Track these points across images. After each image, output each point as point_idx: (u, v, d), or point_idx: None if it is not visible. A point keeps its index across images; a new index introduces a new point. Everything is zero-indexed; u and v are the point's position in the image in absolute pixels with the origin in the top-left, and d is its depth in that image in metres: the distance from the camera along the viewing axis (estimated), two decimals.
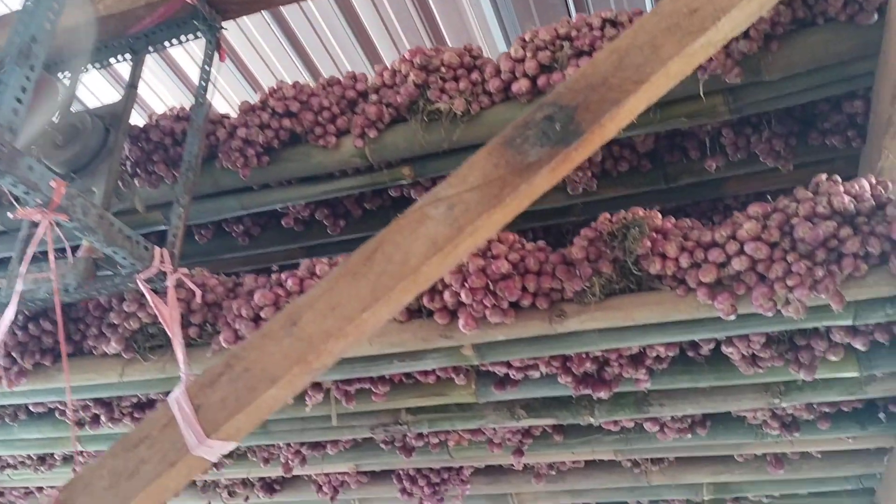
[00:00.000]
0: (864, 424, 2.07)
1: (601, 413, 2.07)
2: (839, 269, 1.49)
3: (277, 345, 1.41)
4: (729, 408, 1.99)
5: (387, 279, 1.40)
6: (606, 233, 1.70)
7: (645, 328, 1.71)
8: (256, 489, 2.86)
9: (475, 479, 2.70)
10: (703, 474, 2.50)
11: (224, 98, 4.45)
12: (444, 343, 1.78)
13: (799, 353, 1.76)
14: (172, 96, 4.40)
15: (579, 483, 2.63)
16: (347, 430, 2.26)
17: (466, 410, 2.16)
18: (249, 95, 4.38)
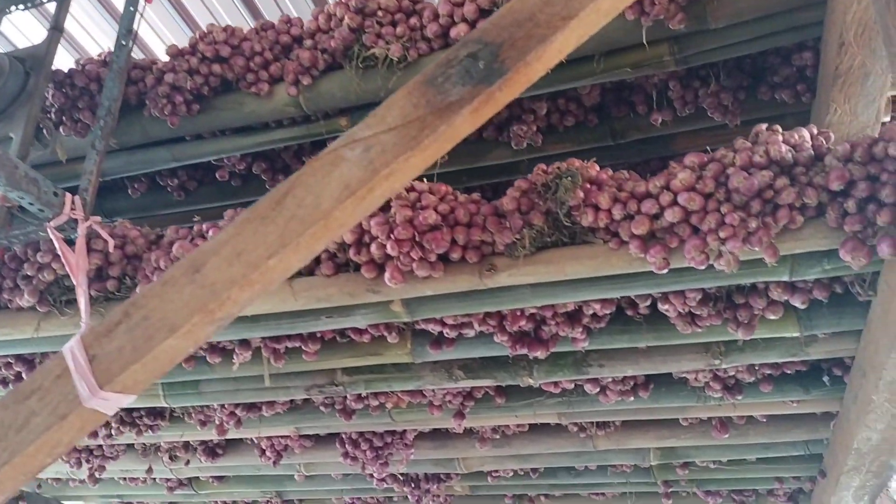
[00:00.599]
0: (807, 388, 2.03)
1: (540, 374, 2.01)
2: (774, 221, 1.43)
3: (178, 293, 1.32)
4: (669, 369, 1.94)
5: (296, 224, 1.32)
6: (540, 184, 1.62)
7: (578, 283, 1.64)
8: (199, 453, 2.79)
9: (420, 444, 2.65)
10: (648, 439, 2.46)
11: (164, 43, 4.26)
12: (372, 298, 1.71)
13: (737, 311, 1.71)
14: (110, 40, 4.22)
15: (525, 448, 2.59)
16: (282, 391, 2.18)
17: (403, 371, 2.09)
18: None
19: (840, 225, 1.41)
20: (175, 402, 2.26)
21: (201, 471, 3.01)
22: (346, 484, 3.08)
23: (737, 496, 2.96)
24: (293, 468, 2.93)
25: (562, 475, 2.88)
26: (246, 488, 3.21)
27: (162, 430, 2.51)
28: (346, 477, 3.03)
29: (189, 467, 2.95)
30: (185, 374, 2.14)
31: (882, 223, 1.36)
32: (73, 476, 3.00)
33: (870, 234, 1.39)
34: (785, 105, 1.99)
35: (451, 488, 3.13)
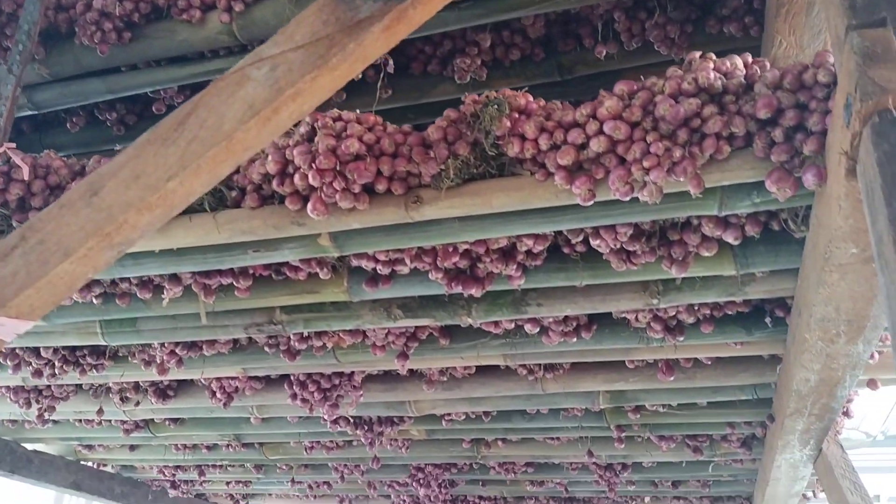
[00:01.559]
0: (750, 330, 2.01)
1: (479, 313, 1.98)
2: (700, 151, 1.38)
3: (75, 216, 1.27)
4: (608, 308, 1.91)
5: (197, 146, 1.27)
6: (470, 114, 1.57)
7: (507, 217, 1.60)
8: (149, 395, 2.77)
9: (371, 387, 2.63)
10: (597, 382, 2.45)
11: None
12: (298, 231, 1.66)
13: (671, 248, 1.67)
14: None
15: (475, 391, 2.57)
16: (221, 329, 2.15)
17: (342, 310, 2.06)
18: None
19: (767, 155, 1.36)
20: (113, 341, 2.23)
21: (155, 413, 3.00)
22: (302, 427, 3.08)
23: (690, 441, 2.97)
24: (247, 411, 2.92)
25: (515, 419, 2.88)
26: (203, 431, 3.21)
27: (107, 370, 2.49)
28: (303, 420, 3.02)
29: (143, 409, 2.94)
30: (122, 312, 2.10)
31: (809, 152, 1.31)
32: (27, 417, 2.98)
33: (796, 164, 1.34)
34: (734, 39, 1.93)
35: (408, 433, 3.13)
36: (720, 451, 3.02)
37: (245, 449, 3.46)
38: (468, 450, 3.26)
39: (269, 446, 3.48)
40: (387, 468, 3.72)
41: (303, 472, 3.82)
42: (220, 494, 4.57)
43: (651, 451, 3.08)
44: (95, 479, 3.86)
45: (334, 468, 3.70)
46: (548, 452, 3.23)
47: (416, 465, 3.64)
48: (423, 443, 3.29)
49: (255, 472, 3.84)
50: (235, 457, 3.59)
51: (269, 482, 4.12)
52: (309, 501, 4.57)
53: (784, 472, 2.69)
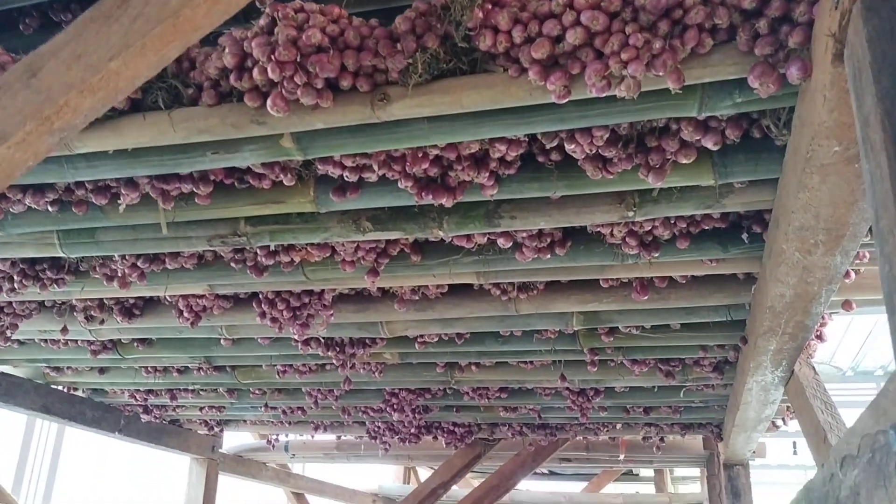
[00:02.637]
0: (726, 246, 1.97)
1: (450, 226, 1.92)
2: (681, 43, 1.30)
3: (12, 99, 1.18)
4: (583, 221, 1.86)
5: (142, 24, 1.17)
6: (440, 5, 1.47)
7: (478, 118, 1.52)
8: (115, 313, 2.71)
9: (342, 307, 2.59)
10: (571, 303, 2.42)
11: None
12: (258, 131, 1.58)
13: (648, 154, 1.61)
14: None
15: (448, 311, 2.54)
16: (183, 241, 2.08)
17: (309, 222, 1.99)
18: None
19: (751, 48, 1.29)
20: (72, 252, 2.15)
21: (122, 332, 2.94)
22: (274, 350, 3.04)
23: (663, 366, 2.97)
24: (216, 331, 2.87)
25: (489, 342, 2.86)
26: (173, 353, 3.17)
27: (68, 285, 2.41)
28: (274, 342, 2.98)
29: (110, 328, 2.88)
30: (80, 221, 2.02)
31: (794, 44, 1.25)
32: None
33: (780, 58, 1.28)
34: None
35: (381, 356, 3.11)
36: (692, 376, 3.03)
37: (217, 372, 3.43)
38: (442, 374, 3.25)
39: (241, 370, 3.46)
40: (360, 393, 3.72)
41: (276, 398, 3.81)
42: (195, 420, 4.57)
43: (623, 376, 3.09)
44: (66, 403, 3.83)
45: (308, 393, 3.69)
46: (521, 377, 3.23)
47: (389, 391, 3.64)
48: (396, 367, 3.27)
49: (228, 397, 3.82)
50: (207, 381, 3.56)
51: (243, 408, 4.11)
52: (284, 427, 4.58)
53: (755, 395, 2.70)
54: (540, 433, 4.26)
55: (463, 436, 4.39)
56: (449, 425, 4.30)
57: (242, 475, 5.31)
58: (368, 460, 5.74)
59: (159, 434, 4.52)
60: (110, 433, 4.14)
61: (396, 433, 4.39)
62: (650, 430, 4.09)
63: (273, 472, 5.68)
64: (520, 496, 7.69)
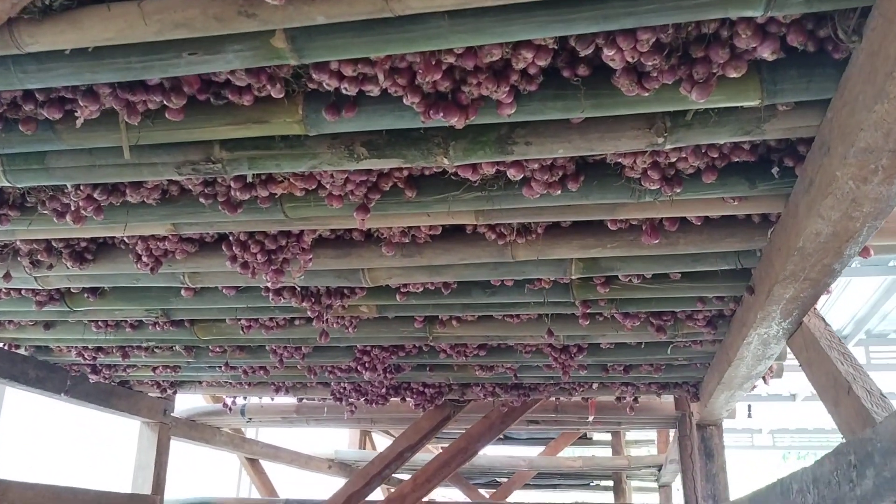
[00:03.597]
0: (753, 181, 1.81)
1: (457, 154, 1.71)
2: None
3: None
4: (606, 148, 1.67)
5: None
6: None
7: (506, 14, 1.31)
8: (64, 257, 2.43)
9: (320, 252, 2.36)
10: (571, 248, 2.24)
11: None
12: (247, 26, 1.34)
13: (693, 67, 1.42)
14: None
15: (438, 257, 2.34)
16: (148, 168, 1.82)
17: (295, 147, 1.76)
18: None
19: None
20: (18, 181, 1.88)
21: (72, 280, 2.66)
22: (239, 301, 2.80)
23: (655, 320, 2.83)
24: (177, 279, 2.62)
25: (476, 293, 2.67)
26: (127, 305, 2.90)
27: (12, 222, 2.13)
28: (240, 293, 2.75)
29: (58, 276, 2.60)
30: (28, 143, 1.75)
31: None
32: None
33: None
34: None
35: (357, 310, 2.89)
36: (683, 331, 2.90)
37: (174, 328, 3.17)
38: (420, 330, 3.06)
39: (202, 325, 3.20)
40: (330, 351, 3.50)
41: (238, 356, 3.56)
42: (146, 382, 4.30)
43: (613, 331, 2.95)
44: (7, 362, 3.52)
45: (273, 351, 3.46)
46: (504, 332, 3.05)
47: (361, 348, 3.44)
48: (372, 322, 3.07)
49: (185, 355, 3.56)
50: (163, 337, 3.30)
51: (200, 367, 3.85)
52: (242, 390, 4.34)
53: (753, 349, 2.59)
54: (513, 394, 4.12)
55: (433, 397, 4.22)
56: (419, 386, 4.12)
57: (195, 440, 5.07)
58: (329, 424, 5.55)
59: (108, 396, 4.24)
60: (55, 395, 3.84)
61: (363, 394, 4.20)
62: (626, 389, 3.99)
63: (227, 437, 5.45)
64: (479, 460, 7.62)
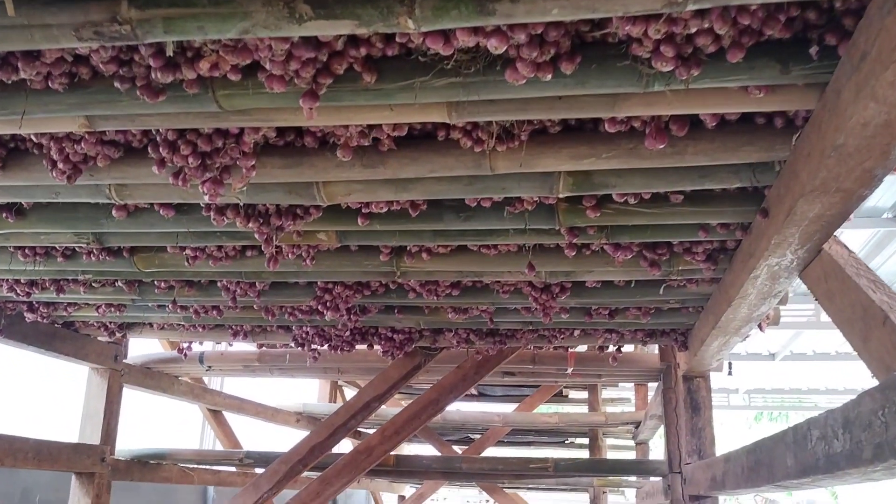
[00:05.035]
0: (786, 63, 1.49)
1: (424, 14, 1.36)
2: None
3: None
4: (611, 8, 1.33)
5: None
6: None
7: None
8: None
9: (266, 161, 2.02)
10: (561, 158, 1.91)
11: None
12: None
13: None
14: None
15: (404, 169, 2.00)
16: (41, 32, 1.45)
17: (221, 4, 1.40)
18: None
19: None
20: None
21: None
22: (179, 224, 2.45)
23: (649, 253, 2.53)
24: (104, 194, 2.26)
25: (449, 217, 2.34)
26: (52, 227, 2.54)
27: None
28: (180, 216, 2.40)
29: None
30: None
31: None
32: None
33: None
34: None
35: (315, 238, 2.56)
36: (679, 267, 2.61)
37: (112, 258, 2.82)
38: (386, 264, 2.73)
39: (142, 255, 2.85)
40: (287, 289, 3.18)
41: (186, 294, 3.22)
42: (92, 324, 3.95)
43: (601, 267, 2.65)
44: None
45: (224, 287, 3.12)
46: (480, 267, 2.74)
47: (322, 285, 3.11)
48: (332, 254, 2.74)
49: (128, 292, 3.22)
50: (101, 269, 2.95)
51: (147, 307, 3.51)
52: (197, 334, 4.01)
53: (759, 285, 2.30)
54: (488, 341, 3.82)
55: (402, 343, 3.92)
56: (387, 331, 3.81)
57: (150, 389, 4.74)
58: (294, 373, 5.24)
59: (50, 339, 3.89)
60: None
61: (327, 340, 3.88)
62: (610, 337, 3.70)
63: (186, 386, 5.12)
64: (452, 416, 7.40)
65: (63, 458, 3.89)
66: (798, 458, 1.76)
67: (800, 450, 1.75)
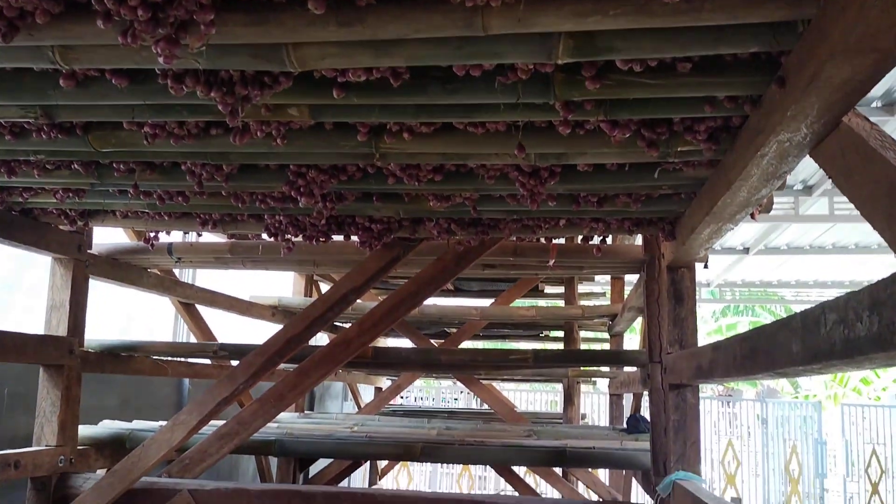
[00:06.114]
0: None
1: None
2: None
3: None
4: None
5: None
6: None
7: None
8: None
9: (227, 17, 1.77)
10: (562, 16, 1.70)
11: None
12: None
13: None
14: None
15: (385, 28, 1.78)
16: None
17: None
18: None
19: None
20: None
21: None
22: (135, 97, 2.22)
23: (647, 132, 2.36)
24: (47, 58, 2.01)
25: (433, 89, 2.14)
26: None
27: None
28: (135, 86, 2.17)
29: None
30: None
31: None
32: None
33: None
34: None
35: (286, 113, 2.34)
36: (678, 148, 2.45)
37: (64, 136, 2.59)
38: (364, 144, 2.53)
39: (96, 132, 2.61)
40: (258, 173, 2.97)
41: (148, 177, 3.01)
42: (51, 211, 3.72)
43: (595, 148, 2.48)
44: None
45: (189, 171, 2.91)
46: (466, 149, 2.55)
47: (295, 169, 2.91)
48: (305, 133, 2.53)
49: (85, 175, 3.00)
50: (54, 148, 2.72)
51: (107, 193, 3.29)
52: (163, 223, 3.81)
53: (765, 164, 2.15)
54: (470, 231, 3.67)
55: (380, 234, 3.76)
56: (365, 221, 3.65)
57: (118, 280, 4.57)
58: (267, 266, 5.11)
59: (8, 227, 3.67)
60: None
61: (302, 230, 3.71)
62: (596, 227, 3.58)
63: (156, 279, 4.96)
64: (429, 310, 7.37)
65: (29, 350, 3.76)
66: (807, 344, 1.66)
67: (809, 335, 1.65)
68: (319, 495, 3.84)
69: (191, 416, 3.85)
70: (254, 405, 3.99)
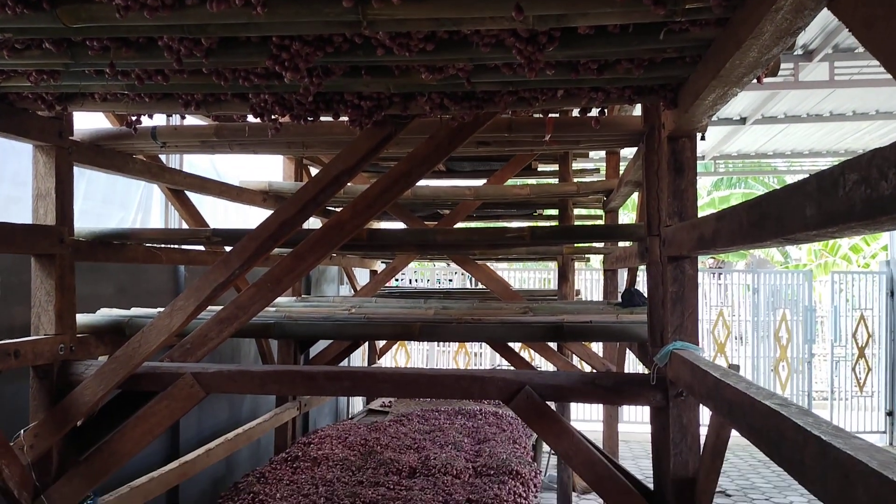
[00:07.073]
0: None
1: None
2: None
3: None
4: None
5: None
6: None
7: None
8: None
9: None
10: None
11: None
12: None
13: None
14: None
15: None
16: None
17: None
18: None
19: None
20: None
21: None
22: None
23: None
24: None
25: None
26: None
27: None
28: None
29: None
30: None
31: None
32: None
33: None
34: None
35: None
36: (685, 6, 2.31)
37: (31, 11, 2.41)
38: (350, 10, 2.37)
39: (65, 7, 2.43)
40: (240, 47, 2.81)
41: (125, 55, 2.84)
42: (27, 96, 3.56)
43: (597, 7, 2.33)
44: None
45: (167, 47, 2.75)
46: (459, 13, 2.40)
47: (277, 42, 2.74)
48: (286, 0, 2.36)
49: (57, 54, 2.83)
50: (21, 25, 2.54)
51: (83, 74, 3.12)
52: (144, 105, 3.65)
53: (779, 20, 2.01)
54: (464, 105, 3.53)
55: (371, 111, 3.62)
56: (353, 98, 3.50)
57: (103, 167, 4.45)
58: (255, 149, 4.96)
59: None
60: None
61: (288, 108, 3.56)
62: (595, 97, 3.44)
63: (142, 165, 4.83)
64: (422, 191, 7.29)
65: (18, 240, 3.68)
66: (822, 207, 1.59)
67: (826, 197, 1.58)
68: (321, 375, 3.88)
69: (188, 302, 3.84)
70: (251, 289, 3.97)
